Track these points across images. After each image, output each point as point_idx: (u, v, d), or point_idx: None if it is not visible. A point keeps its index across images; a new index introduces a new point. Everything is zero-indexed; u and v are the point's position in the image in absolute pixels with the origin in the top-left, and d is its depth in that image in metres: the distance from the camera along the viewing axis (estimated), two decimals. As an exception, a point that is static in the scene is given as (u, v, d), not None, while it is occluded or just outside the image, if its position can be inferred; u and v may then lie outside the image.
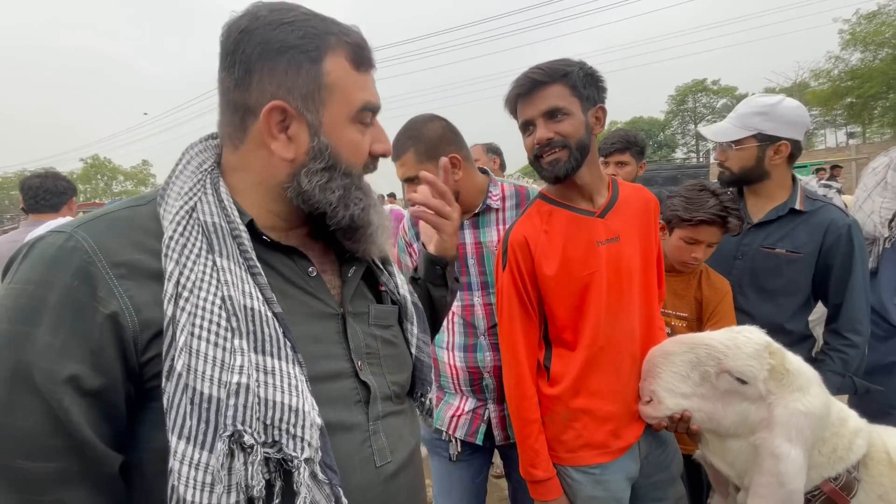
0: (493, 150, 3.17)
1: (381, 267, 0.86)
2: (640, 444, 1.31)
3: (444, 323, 1.47)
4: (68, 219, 2.65)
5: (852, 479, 1.05)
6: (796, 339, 1.55)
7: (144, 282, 0.59)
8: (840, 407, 1.13)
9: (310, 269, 0.73)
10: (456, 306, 1.50)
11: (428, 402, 0.88)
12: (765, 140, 1.55)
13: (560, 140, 1.20)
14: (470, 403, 1.52)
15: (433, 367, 0.90)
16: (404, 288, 0.88)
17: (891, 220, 1.66)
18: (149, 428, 0.58)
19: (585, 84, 1.22)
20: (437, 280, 1.03)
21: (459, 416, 1.51)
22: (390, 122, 1.61)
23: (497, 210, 1.52)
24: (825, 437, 1.06)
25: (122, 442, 0.59)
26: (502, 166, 3.23)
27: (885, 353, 1.68)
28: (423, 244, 1.06)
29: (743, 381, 1.06)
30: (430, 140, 1.41)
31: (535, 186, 1.60)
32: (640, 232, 1.34)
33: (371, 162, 0.76)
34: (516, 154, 1.34)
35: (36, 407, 0.53)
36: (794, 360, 1.09)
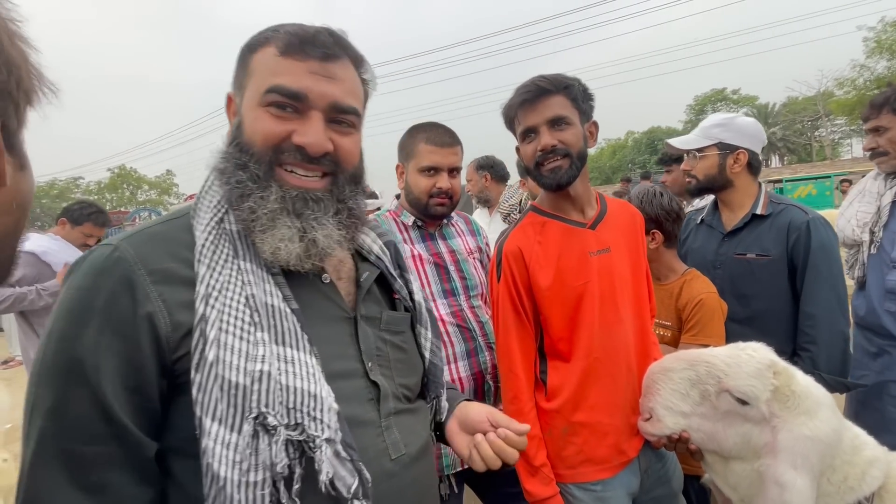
0: (483, 167, 3.22)
1: (395, 274, 0.89)
2: (639, 458, 1.30)
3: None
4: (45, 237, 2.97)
5: None
6: (779, 343, 1.58)
7: (177, 287, 0.66)
8: (855, 434, 1.05)
9: (323, 276, 0.78)
10: (446, 314, 1.53)
11: (439, 404, 0.91)
12: (725, 148, 1.70)
13: (563, 148, 1.24)
14: None
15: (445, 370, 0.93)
16: (419, 295, 0.92)
17: (872, 226, 1.69)
18: (181, 419, 0.64)
19: (583, 98, 1.27)
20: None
21: None
22: (397, 136, 1.65)
23: (455, 225, 1.71)
24: (835, 465, 0.99)
25: (158, 432, 0.65)
26: (502, 178, 3.22)
27: (878, 372, 1.64)
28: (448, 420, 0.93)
29: (744, 402, 1.00)
30: (463, 148, 1.66)
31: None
32: (629, 245, 1.36)
33: (292, 151, 0.72)
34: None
35: (86, 397, 0.59)
36: (802, 382, 1.02)
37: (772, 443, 0.97)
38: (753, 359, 1.01)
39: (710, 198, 1.89)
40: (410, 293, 0.90)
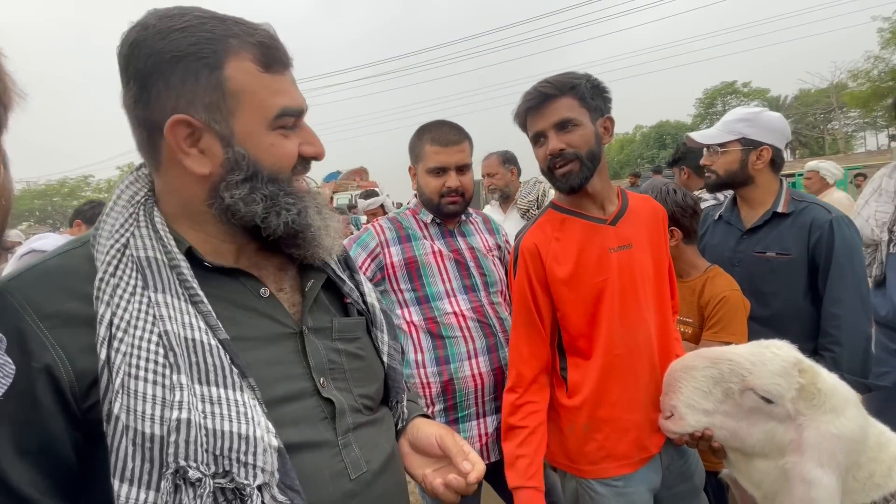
0: (510, 160, 3.15)
1: (344, 277, 0.84)
2: (661, 454, 1.31)
3: (460, 333, 1.51)
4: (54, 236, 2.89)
5: None
6: (797, 342, 1.56)
7: (78, 330, 0.58)
8: (880, 430, 1.05)
9: (261, 291, 0.72)
10: (466, 309, 1.54)
11: (401, 409, 0.87)
12: (748, 144, 1.65)
13: (571, 152, 1.24)
14: (490, 422, 1.52)
15: (411, 375, 0.89)
16: (372, 296, 0.87)
17: (891, 225, 1.66)
18: (105, 471, 0.56)
19: (593, 95, 1.26)
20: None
21: (486, 442, 1.51)
22: (411, 130, 1.65)
23: (473, 223, 1.71)
24: (861, 463, 0.99)
25: (79, 490, 0.59)
26: (518, 173, 3.19)
27: None
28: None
29: (769, 401, 1.00)
30: (472, 142, 1.64)
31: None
32: (651, 241, 1.35)
33: (300, 164, 0.72)
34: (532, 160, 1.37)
35: None
36: (828, 379, 1.02)
37: (797, 440, 0.97)
38: (778, 357, 1.01)
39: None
40: (363, 295, 0.85)
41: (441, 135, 1.55)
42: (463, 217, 1.66)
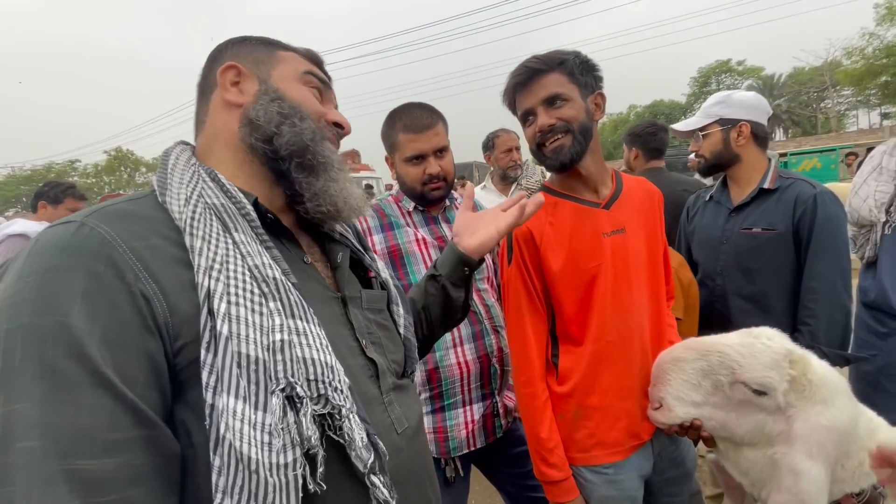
0: None
1: (361, 251, 0.88)
2: (653, 441, 1.30)
3: None
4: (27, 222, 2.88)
5: (877, 494, 0.98)
6: (781, 318, 1.59)
7: (168, 265, 0.58)
8: (869, 418, 1.04)
9: (304, 258, 0.76)
10: None
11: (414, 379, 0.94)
12: (726, 124, 1.70)
13: (563, 125, 1.19)
14: (477, 409, 1.50)
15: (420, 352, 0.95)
16: (384, 272, 0.91)
17: (889, 206, 1.64)
18: (181, 426, 0.56)
19: (582, 71, 1.22)
20: (458, 281, 1.02)
21: (472, 429, 1.49)
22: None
23: (458, 206, 1.62)
24: (850, 451, 0.98)
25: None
26: None
27: (888, 353, 1.62)
28: (453, 237, 1.04)
29: (761, 393, 0.99)
30: (446, 120, 1.55)
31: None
32: (646, 225, 1.32)
33: (329, 128, 0.79)
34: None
35: (89, 400, 0.48)
36: (819, 370, 1.00)
37: (787, 431, 0.96)
38: (769, 349, 0.99)
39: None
40: (377, 270, 0.90)
41: (413, 120, 1.48)
42: (447, 202, 1.61)
